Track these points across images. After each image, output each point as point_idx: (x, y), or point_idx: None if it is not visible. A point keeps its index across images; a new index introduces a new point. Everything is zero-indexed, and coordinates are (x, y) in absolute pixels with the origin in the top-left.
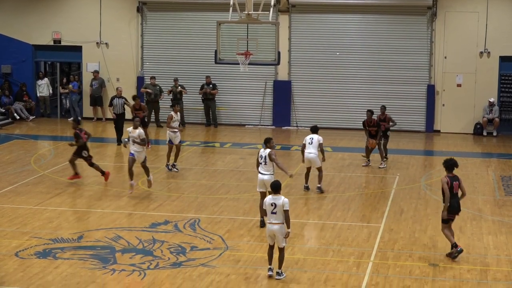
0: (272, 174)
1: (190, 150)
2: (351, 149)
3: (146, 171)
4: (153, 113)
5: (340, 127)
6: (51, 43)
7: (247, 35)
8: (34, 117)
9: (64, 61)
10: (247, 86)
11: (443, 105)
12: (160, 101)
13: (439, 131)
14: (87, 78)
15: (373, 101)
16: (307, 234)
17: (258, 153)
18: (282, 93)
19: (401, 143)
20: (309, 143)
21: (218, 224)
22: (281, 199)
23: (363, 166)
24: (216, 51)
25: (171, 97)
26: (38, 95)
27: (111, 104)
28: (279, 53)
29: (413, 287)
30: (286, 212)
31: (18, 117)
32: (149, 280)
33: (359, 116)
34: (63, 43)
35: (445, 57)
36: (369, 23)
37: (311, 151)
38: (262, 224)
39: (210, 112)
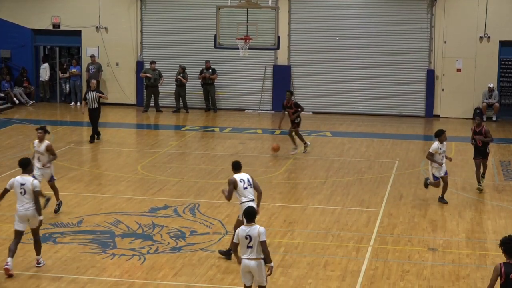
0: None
1: (190, 135)
2: (351, 133)
3: (56, 193)
4: (152, 97)
5: (339, 112)
6: (50, 27)
7: (247, 20)
8: (33, 102)
9: (63, 45)
10: (247, 71)
11: (443, 90)
12: (159, 86)
13: (438, 116)
14: (87, 62)
15: (373, 86)
16: (306, 219)
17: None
18: (282, 78)
19: (401, 128)
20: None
21: (217, 209)
22: (256, 229)
23: (291, 154)
24: (215, 36)
25: (177, 83)
26: (40, 79)
27: (85, 98)
28: (278, 37)
29: (412, 271)
30: (263, 244)
31: (17, 102)
32: (148, 265)
33: (359, 101)
34: (62, 28)
35: (445, 42)
36: (369, 8)
37: None
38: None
39: (210, 97)
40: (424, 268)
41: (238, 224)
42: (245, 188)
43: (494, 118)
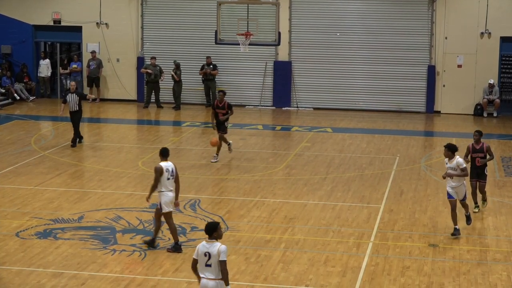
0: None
1: (191, 131)
2: (351, 129)
3: None
4: (153, 93)
5: (340, 108)
6: (51, 23)
7: (248, 16)
8: (34, 97)
9: (64, 41)
10: (248, 66)
11: (444, 86)
12: (160, 82)
13: (439, 112)
14: (87, 58)
15: (374, 81)
16: (307, 215)
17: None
18: (283, 73)
19: (401, 123)
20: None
21: (218, 205)
22: (217, 247)
23: (212, 162)
24: (216, 32)
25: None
26: (38, 75)
27: (65, 101)
28: (279, 33)
29: (413, 267)
30: (222, 264)
31: (18, 98)
32: (149, 261)
33: (360, 97)
34: (63, 24)
35: (446, 38)
36: (369, 3)
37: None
38: (152, 244)
39: (210, 93)
40: (425, 264)
41: (157, 212)
42: (168, 178)
43: (494, 114)
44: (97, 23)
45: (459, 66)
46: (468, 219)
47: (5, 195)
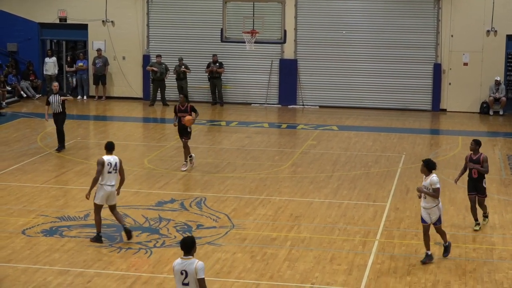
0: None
1: (196, 128)
2: (357, 127)
3: None
4: (158, 91)
5: (346, 106)
6: (57, 21)
7: (253, 14)
8: (40, 95)
9: (70, 39)
10: (253, 64)
11: (450, 84)
12: (166, 80)
13: (445, 110)
14: (93, 56)
15: (380, 79)
16: (313, 213)
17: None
18: (288, 71)
19: (407, 122)
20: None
21: (224, 203)
22: (194, 264)
23: (182, 170)
24: (222, 30)
25: (175, 76)
26: (44, 73)
27: (48, 103)
28: (285, 31)
29: (419, 265)
30: (201, 282)
31: (24, 96)
32: (155, 258)
33: (366, 95)
34: (68, 21)
35: (452, 36)
36: (375, 1)
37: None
38: (99, 240)
39: (216, 91)
40: (431, 262)
41: (96, 207)
42: (109, 172)
43: (501, 112)
44: (103, 21)
45: (465, 64)
46: (446, 251)
47: (11, 192)
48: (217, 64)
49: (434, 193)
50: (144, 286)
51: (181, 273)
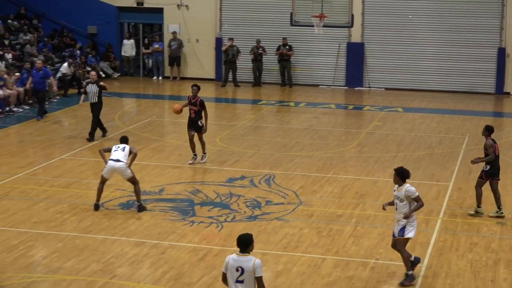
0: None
1: (266, 109)
2: (422, 109)
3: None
4: (230, 72)
5: (411, 88)
6: (134, 5)
7: None
8: (119, 74)
9: (146, 22)
10: (321, 47)
11: None
12: (237, 61)
13: (508, 93)
14: (168, 39)
15: (444, 63)
16: (377, 191)
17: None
18: (355, 54)
19: (471, 104)
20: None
21: (292, 180)
22: (252, 262)
23: (189, 163)
24: (291, 14)
25: (252, 57)
26: (122, 54)
27: (85, 92)
28: (352, 15)
29: (480, 244)
30: (259, 281)
31: (103, 75)
32: (226, 232)
33: (431, 78)
34: (145, 5)
35: None
36: None
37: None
38: (96, 208)
39: (286, 73)
40: (492, 241)
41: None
42: (116, 150)
43: None
44: (177, 5)
45: None
46: (406, 279)
47: (91, 168)
48: (287, 47)
49: (419, 203)
50: (215, 259)
51: (237, 270)
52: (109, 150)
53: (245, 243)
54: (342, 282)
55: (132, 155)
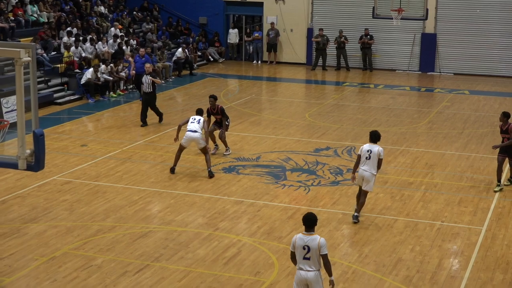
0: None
1: (349, 90)
2: (486, 92)
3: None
4: (320, 58)
5: (477, 74)
6: None
7: None
8: (224, 59)
9: (248, 14)
10: (399, 37)
11: None
12: (327, 49)
13: None
14: (267, 28)
15: (507, 51)
16: (445, 163)
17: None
18: (428, 44)
19: None
20: (366, 157)
21: None
22: (317, 240)
23: (212, 153)
24: (373, 8)
25: (335, 45)
26: (227, 41)
27: (142, 82)
28: (427, 10)
29: None
30: (324, 258)
31: (211, 59)
32: (312, 195)
33: (495, 64)
34: (248, 0)
35: None
36: None
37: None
38: (172, 171)
39: (367, 59)
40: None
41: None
42: (192, 122)
43: None
44: (275, 0)
45: None
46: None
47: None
48: (368, 36)
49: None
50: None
51: (303, 248)
52: (187, 122)
53: (310, 222)
54: (412, 240)
55: (205, 125)
